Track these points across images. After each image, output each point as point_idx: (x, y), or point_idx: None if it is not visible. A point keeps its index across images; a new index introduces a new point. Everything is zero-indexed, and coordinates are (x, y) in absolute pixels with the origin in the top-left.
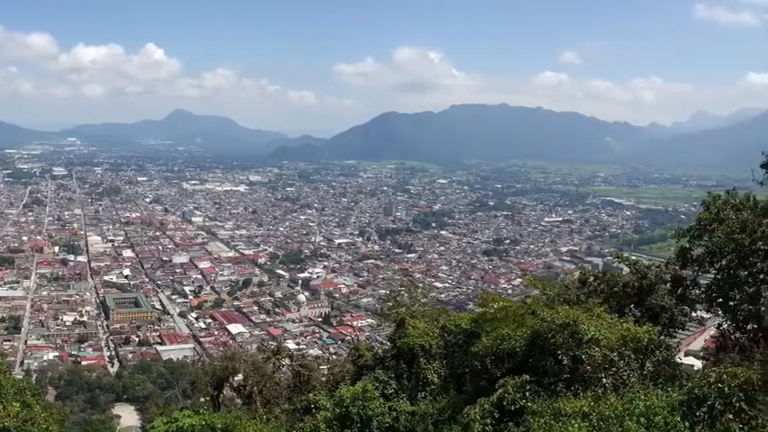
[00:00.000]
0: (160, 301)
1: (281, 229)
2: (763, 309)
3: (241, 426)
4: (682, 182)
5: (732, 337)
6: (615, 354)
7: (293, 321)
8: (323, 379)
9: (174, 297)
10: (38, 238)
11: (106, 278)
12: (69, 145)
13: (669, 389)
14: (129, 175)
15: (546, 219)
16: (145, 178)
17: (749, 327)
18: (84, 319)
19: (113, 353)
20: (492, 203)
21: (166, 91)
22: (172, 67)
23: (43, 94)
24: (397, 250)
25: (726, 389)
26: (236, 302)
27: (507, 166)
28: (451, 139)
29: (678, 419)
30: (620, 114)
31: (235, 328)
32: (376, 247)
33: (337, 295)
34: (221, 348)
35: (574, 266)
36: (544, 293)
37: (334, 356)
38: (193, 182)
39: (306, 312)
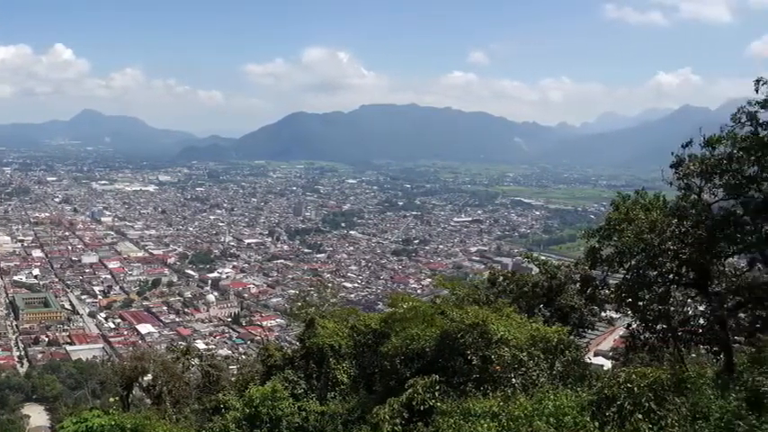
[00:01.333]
0: (69, 301)
1: (191, 229)
2: (672, 309)
3: (150, 426)
4: (591, 182)
5: (641, 337)
6: (524, 354)
7: (202, 321)
8: (232, 379)
9: (83, 297)
10: None
11: (15, 278)
12: None
13: (578, 389)
14: (38, 175)
15: (455, 219)
16: (54, 178)
17: (658, 327)
18: None
19: (23, 353)
20: (401, 203)
21: (75, 91)
22: (80, 67)
23: None
24: (306, 250)
25: (635, 389)
26: (145, 302)
27: (417, 166)
28: (361, 139)
29: (587, 419)
30: (530, 114)
31: (144, 328)
32: (285, 247)
33: (246, 295)
34: (130, 348)
35: (483, 266)
36: (453, 293)
37: (243, 356)
38: (103, 182)
39: (215, 312)
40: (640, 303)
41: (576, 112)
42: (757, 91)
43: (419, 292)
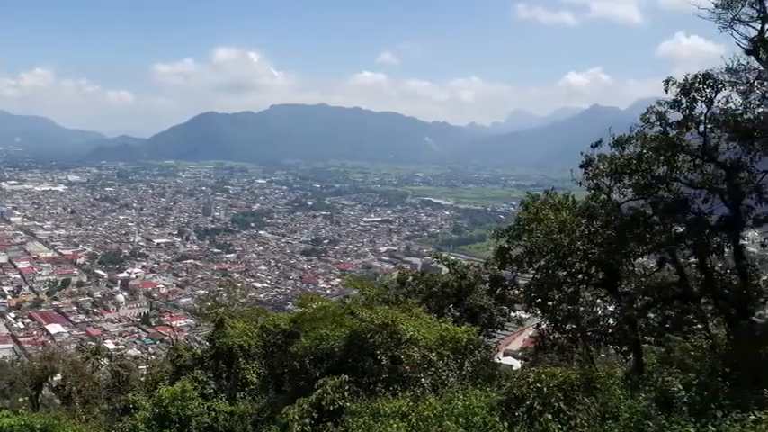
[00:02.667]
0: None
1: (100, 229)
2: (581, 309)
3: (60, 426)
4: (501, 182)
5: (551, 337)
6: (434, 354)
7: (112, 321)
8: (142, 379)
9: None
10: None
11: None
12: None
13: (488, 389)
14: None
15: (365, 219)
16: None
17: (568, 327)
18: None
19: None
20: (311, 203)
21: None
22: None
23: None
24: (215, 250)
25: (544, 389)
26: (54, 302)
27: (326, 166)
28: (270, 139)
29: (497, 419)
30: (440, 114)
31: (53, 328)
32: (195, 247)
33: (156, 295)
34: (40, 348)
35: (393, 266)
36: (363, 293)
37: (153, 356)
38: (12, 182)
39: (125, 312)
40: (550, 303)
41: (488, 111)
42: (667, 91)
43: (328, 292)
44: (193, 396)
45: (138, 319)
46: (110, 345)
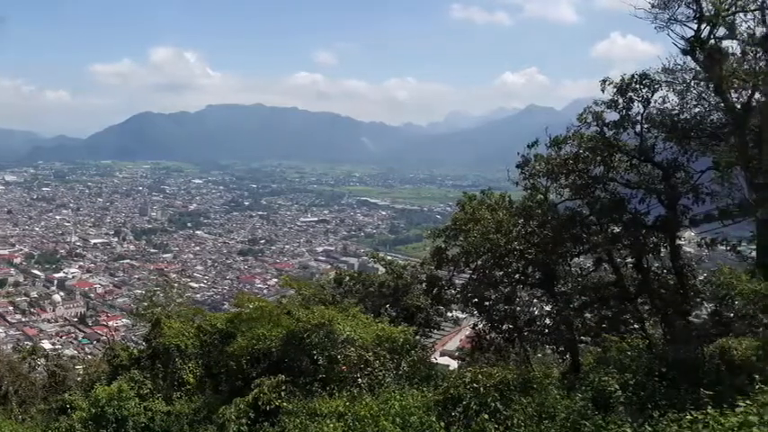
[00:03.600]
0: None
1: (37, 228)
2: (518, 309)
3: None
4: (437, 182)
5: (487, 337)
6: (370, 354)
7: (49, 321)
8: (78, 379)
9: None
10: None
11: None
12: None
13: (424, 389)
14: None
15: (301, 219)
16: None
17: (504, 327)
18: None
19: None
20: (247, 203)
21: None
22: None
23: None
24: (152, 250)
25: (481, 389)
26: None
27: (263, 165)
28: (207, 140)
29: (433, 419)
30: (377, 114)
31: None
32: (131, 247)
33: (93, 295)
34: None
35: (329, 266)
36: (300, 293)
37: (89, 356)
38: None
39: (61, 312)
40: (486, 303)
41: (425, 112)
42: (603, 91)
43: (265, 291)
44: (130, 396)
45: (75, 319)
46: (46, 345)
